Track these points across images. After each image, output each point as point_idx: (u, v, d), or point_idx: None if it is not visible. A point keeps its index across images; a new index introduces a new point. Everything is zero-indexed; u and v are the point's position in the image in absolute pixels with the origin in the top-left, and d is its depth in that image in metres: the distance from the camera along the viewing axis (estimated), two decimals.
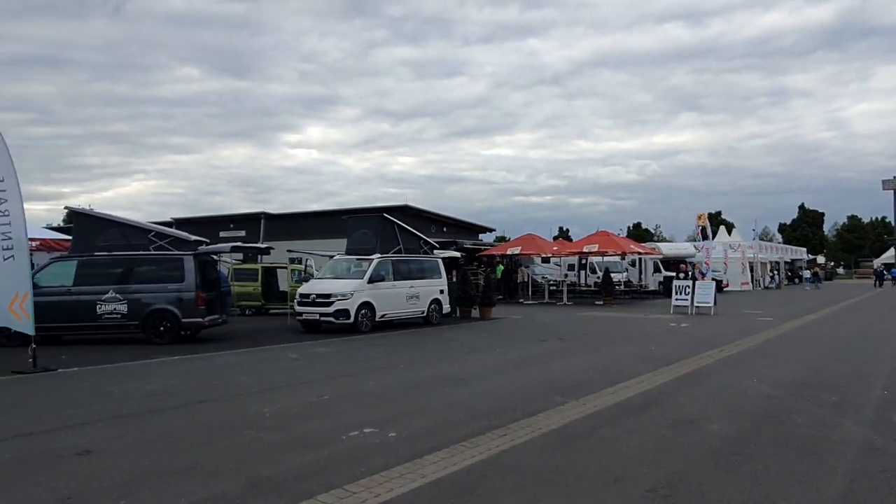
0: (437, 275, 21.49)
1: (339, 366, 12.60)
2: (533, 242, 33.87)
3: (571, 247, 34.70)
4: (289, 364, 12.82)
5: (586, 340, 16.71)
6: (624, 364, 12.53)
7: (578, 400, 9.14)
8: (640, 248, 35.64)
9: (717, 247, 47.87)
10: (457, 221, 46.88)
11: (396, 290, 19.64)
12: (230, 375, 11.43)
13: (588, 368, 12.12)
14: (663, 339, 16.90)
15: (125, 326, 15.77)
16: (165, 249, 16.17)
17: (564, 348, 15.09)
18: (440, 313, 21.34)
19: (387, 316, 19.40)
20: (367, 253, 19.69)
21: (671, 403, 9.00)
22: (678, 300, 26.22)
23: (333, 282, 19.07)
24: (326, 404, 8.93)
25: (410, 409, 8.65)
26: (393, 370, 12.04)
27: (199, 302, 15.84)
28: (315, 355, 14.09)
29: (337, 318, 18.15)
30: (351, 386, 10.38)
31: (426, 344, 16.38)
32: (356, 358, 13.72)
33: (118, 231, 16.23)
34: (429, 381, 10.68)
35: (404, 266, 20.31)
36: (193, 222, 51.33)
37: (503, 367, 12.38)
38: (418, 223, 43.74)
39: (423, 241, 21.44)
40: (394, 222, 20.35)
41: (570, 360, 13.31)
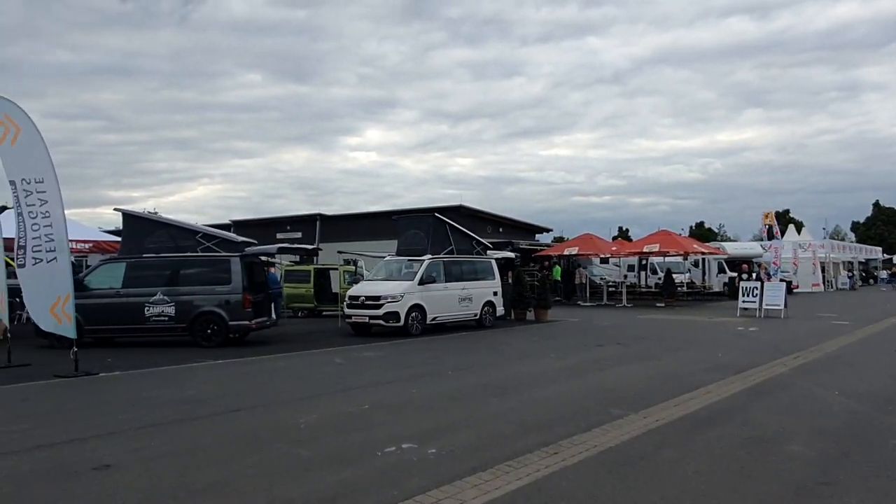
0: (490, 276, 20.81)
1: (384, 372, 12.07)
2: (591, 242, 32.84)
3: (631, 247, 33.53)
4: (333, 369, 12.36)
5: (646, 345, 15.80)
6: (688, 372, 11.65)
7: (638, 413, 8.37)
8: (703, 248, 34.20)
9: (786, 246, 45.90)
10: (513, 222, 46.15)
11: (448, 291, 19.06)
12: (271, 381, 11.02)
13: (648, 377, 11.28)
14: (730, 345, 15.85)
15: (173, 329, 15.61)
16: (213, 251, 15.95)
17: (623, 354, 14.24)
18: (493, 316, 20.66)
19: (438, 318, 18.83)
20: (418, 254, 19.17)
21: (743, 419, 8.13)
22: (745, 302, 24.89)
23: (383, 283, 18.61)
24: (366, 415, 8.38)
25: (454, 421, 8.03)
26: (440, 377, 11.44)
27: (245, 304, 15.55)
28: (362, 360, 13.61)
29: (387, 320, 17.67)
30: (394, 394, 9.82)
31: (477, 348, 15.74)
32: (403, 363, 13.18)
33: (166, 232, 16.09)
34: (476, 390, 10.04)
35: (456, 267, 19.71)
36: (251, 224, 51.94)
37: (556, 374, 11.65)
38: (473, 224, 43.14)
39: (475, 241, 20.81)
40: (445, 222, 19.78)
41: (629, 367, 12.48)
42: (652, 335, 18.20)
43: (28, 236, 11.44)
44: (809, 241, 50.36)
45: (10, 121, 11.62)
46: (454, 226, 20.09)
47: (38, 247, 11.44)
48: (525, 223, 47.31)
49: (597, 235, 34.13)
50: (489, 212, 44.78)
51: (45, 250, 11.43)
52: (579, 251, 32.33)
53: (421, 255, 18.98)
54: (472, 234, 20.84)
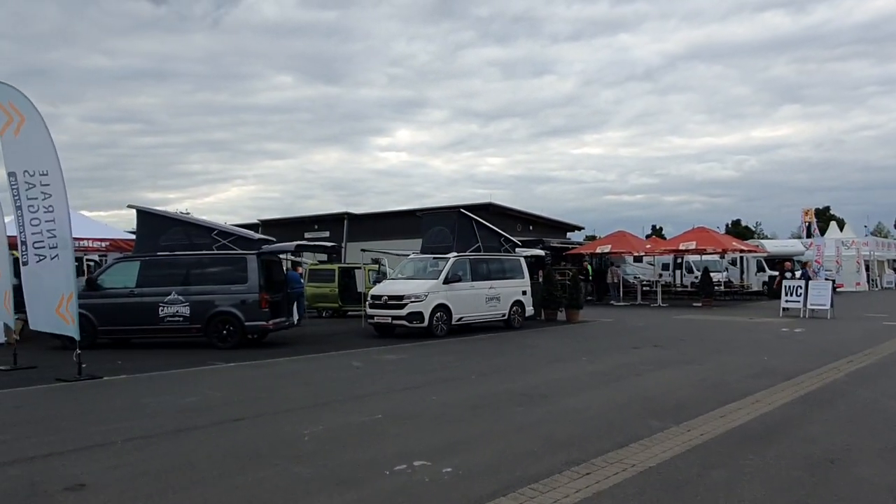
0: (519, 275, 19.97)
1: (403, 376, 11.31)
2: (624, 240, 31.77)
3: (666, 244, 32.37)
4: (349, 374, 11.64)
5: (685, 348, 14.84)
6: (732, 378, 10.70)
7: (680, 426, 7.50)
8: (742, 246, 32.90)
9: (828, 244, 44.22)
10: (544, 220, 45.11)
11: (474, 291, 18.26)
12: (281, 387, 10.33)
13: (689, 383, 10.36)
14: (776, 348, 14.82)
15: (188, 330, 15.05)
16: (229, 249, 15.35)
17: (660, 358, 13.31)
18: (523, 316, 19.81)
19: (464, 319, 18.04)
20: (443, 252, 18.40)
21: (801, 434, 7.22)
22: (789, 302, 23.69)
23: (407, 282, 17.88)
24: (377, 426, 7.63)
25: (474, 434, 7.24)
26: (462, 382, 10.65)
27: (262, 304, 14.93)
28: (381, 363, 12.89)
29: (410, 321, 16.93)
30: (411, 402, 9.06)
31: (504, 351, 14.92)
32: (425, 367, 12.42)
33: (181, 230, 15.53)
34: (500, 398, 9.23)
35: (483, 265, 18.90)
36: (279, 224, 51.66)
37: (588, 380, 10.78)
38: (503, 222, 42.23)
39: (503, 238, 19.97)
40: (472, 218, 18.98)
41: (668, 372, 11.55)
42: (690, 337, 17.21)
43: (27, 232, 10.90)
44: (853, 239, 48.57)
45: (15, 109, 11.08)
46: (480, 222, 19.27)
47: (40, 243, 10.90)
48: (556, 221, 46.20)
49: (630, 233, 33.02)
50: (519, 209, 43.77)
51: (47, 247, 10.88)
52: (612, 249, 31.28)
53: (446, 254, 18.22)
54: (499, 231, 20.02)
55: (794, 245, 42.07)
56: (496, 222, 41.68)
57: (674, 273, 38.02)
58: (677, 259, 37.66)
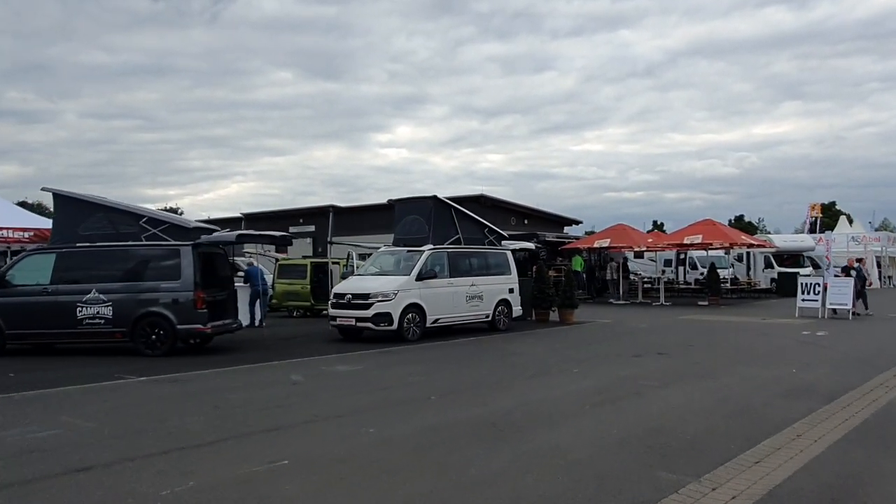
0: (505, 270, 17.72)
1: (345, 397, 9.05)
2: (624, 234, 29.47)
3: (670, 238, 30.07)
4: (280, 392, 9.39)
5: (695, 356, 12.61)
6: (759, 399, 8.48)
7: (701, 481, 5.29)
8: (751, 240, 30.61)
9: (838, 239, 42.00)
10: (540, 213, 42.85)
11: (453, 288, 16.01)
12: (182, 412, 8.06)
13: (705, 408, 8.13)
14: (802, 356, 12.59)
15: (111, 334, 12.80)
16: (160, 239, 13.11)
17: (666, 369, 11.08)
18: (509, 317, 17.56)
19: (441, 321, 15.79)
20: (417, 244, 16.15)
21: (880, 499, 4.98)
22: (805, 301, 21.43)
23: (375, 279, 15.63)
24: (272, 482, 5.38)
25: (404, 496, 5.01)
26: (417, 406, 8.41)
27: (198, 304, 12.69)
28: (327, 377, 10.64)
29: (377, 323, 14.69)
30: (337, 439, 6.82)
31: (481, 359, 12.67)
32: (378, 382, 10.17)
33: (105, 216, 13.26)
34: (459, 431, 6.99)
35: (463, 259, 16.66)
36: (262, 217, 49.47)
37: (577, 401, 8.54)
38: (496, 215, 39.93)
39: (487, 229, 17.70)
40: (450, 206, 16.72)
41: (677, 390, 9.31)
42: (700, 341, 14.97)
43: None
44: (863, 234, 46.36)
45: None
46: (461, 210, 17.01)
47: None
48: (553, 214, 43.93)
49: (630, 226, 30.73)
50: (513, 202, 41.53)
51: None
52: (611, 243, 28.99)
53: (421, 246, 15.98)
54: (483, 221, 17.75)
55: (804, 240, 39.86)
56: (488, 215, 39.31)
57: (677, 269, 35.78)
58: (680, 255, 35.42)
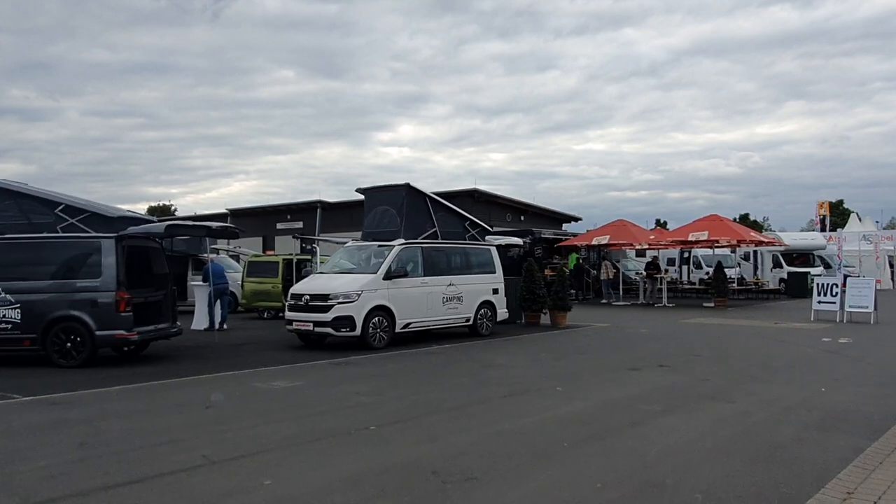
0: (489, 268, 15.83)
1: (263, 425, 7.15)
2: (624, 230, 27.53)
3: (673, 235, 28.13)
4: (183, 420, 7.51)
5: (703, 370, 10.71)
6: (786, 432, 6.60)
7: None
8: (761, 237, 28.66)
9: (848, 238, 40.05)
10: (537, 209, 41.12)
11: (427, 289, 14.13)
12: (25, 452, 6.18)
13: (720, 445, 6.23)
14: (829, 369, 10.70)
15: (18, 341, 10.95)
16: (79, 230, 11.26)
17: (669, 388, 9.19)
18: (493, 321, 15.68)
19: (413, 325, 13.92)
20: (388, 238, 14.29)
21: None
22: (822, 303, 19.56)
23: (337, 278, 13.75)
24: None
25: None
26: (348, 441, 6.52)
27: (121, 306, 10.84)
28: (253, 398, 8.74)
29: (337, 328, 12.82)
30: (216, 495, 4.94)
31: (450, 374, 10.77)
32: (315, 404, 8.27)
33: (14, 204, 11.44)
34: (388, 483, 5.11)
35: (440, 256, 14.78)
36: (250, 213, 47.74)
37: (554, 436, 6.65)
38: (490, 210, 38.15)
39: (469, 222, 15.82)
40: (425, 195, 14.83)
41: (682, 418, 7.42)
42: (707, 350, 13.08)
43: None
44: (875, 232, 44.36)
45: None
46: (438, 201, 15.12)
47: None
48: (551, 211, 42.16)
49: (632, 222, 28.79)
50: (509, 197, 39.81)
51: None
52: (611, 240, 27.08)
53: (392, 240, 14.11)
54: (464, 213, 15.86)
55: (815, 238, 37.91)
56: (482, 211, 37.62)
57: (681, 268, 33.87)
58: (684, 253, 33.50)
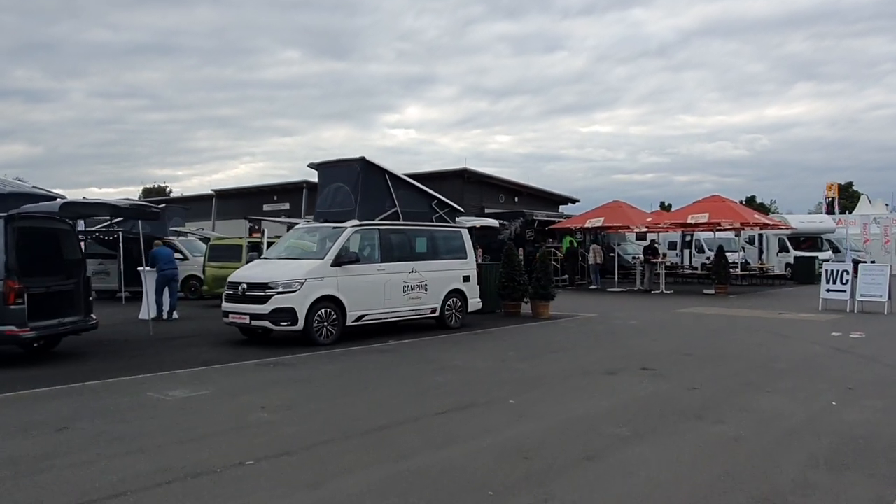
0: (458, 253, 14.19)
1: (110, 459, 5.52)
2: (620, 212, 25.81)
3: (671, 217, 26.39)
4: (16, 448, 5.91)
5: (692, 374, 9.06)
6: (787, 471, 4.97)
7: None
8: (765, 220, 26.89)
9: (858, 221, 38.18)
10: (532, 190, 39.30)
11: (385, 276, 12.49)
12: None
13: (699, 496, 4.60)
14: (839, 373, 9.05)
15: None
16: None
17: (646, 400, 7.55)
18: (463, 311, 14.04)
19: (368, 317, 12.28)
20: (343, 218, 12.63)
21: None
22: (831, 291, 17.90)
23: (280, 265, 12.10)
24: None
25: None
26: (207, 484, 4.91)
27: (9, 298, 9.23)
28: (134, 412, 7.11)
29: (275, 321, 11.20)
30: None
31: (391, 378, 9.11)
32: (203, 424, 6.64)
33: None
34: None
35: (401, 239, 13.12)
36: (235, 194, 46.11)
37: (482, 478, 5.01)
38: (481, 191, 36.34)
39: (436, 201, 14.11)
40: (384, 171, 13.10)
41: (655, 448, 5.79)
42: (700, 348, 11.43)
43: None
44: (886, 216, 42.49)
45: None
46: (399, 177, 13.39)
47: None
48: (547, 192, 40.33)
49: (628, 204, 27.03)
50: (502, 178, 37.96)
51: None
52: (605, 223, 25.37)
53: (346, 221, 12.46)
54: (428, 191, 14.11)
55: (823, 220, 36.05)
56: (473, 192, 35.83)
57: (682, 252, 32.16)
58: (686, 236, 31.77)
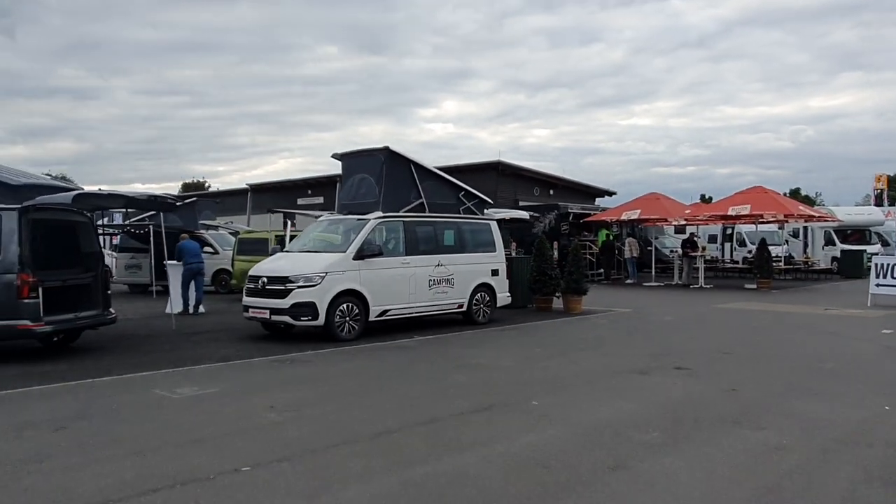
0: (487, 246, 13.73)
1: (99, 464, 5.21)
2: (657, 204, 25.03)
3: (712, 209, 25.52)
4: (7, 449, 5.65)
5: (731, 374, 8.48)
6: (836, 488, 4.42)
7: None
8: (811, 212, 25.86)
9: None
10: (568, 183, 38.60)
11: (409, 270, 12.10)
12: None
13: None
14: (893, 375, 8.38)
15: None
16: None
17: (680, 402, 7.02)
18: (491, 307, 13.60)
19: (391, 313, 11.92)
20: (366, 210, 12.27)
21: None
22: (881, 286, 16.99)
23: (301, 258, 11.79)
24: None
25: None
26: (194, 494, 4.56)
27: (23, 292, 9.06)
28: (138, 412, 6.83)
29: (295, 316, 10.89)
30: None
31: (408, 378, 8.68)
32: (207, 425, 6.31)
33: None
34: None
35: (426, 232, 12.72)
36: (270, 188, 46.19)
37: (492, 490, 4.57)
38: (517, 184, 35.74)
39: (464, 192, 13.66)
40: (409, 161, 12.71)
41: (688, 458, 5.28)
42: (740, 345, 10.80)
43: None
44: None
45: None
46: (425, 168, 12.98)
47: None
48: (583, 185, 39.57)
49: (666, 195, 26.23)
50: (537, 170, 37.30)
51: None
52: (641, 215, 24.64)
53: (369, 213, 12.10)
54: (456, 182, 13.68)
55: (872, 213, 34.64)
56: (508, 184, 35.30)
57: (722, 246, 31.17)
58: (727, 229, 30.79)
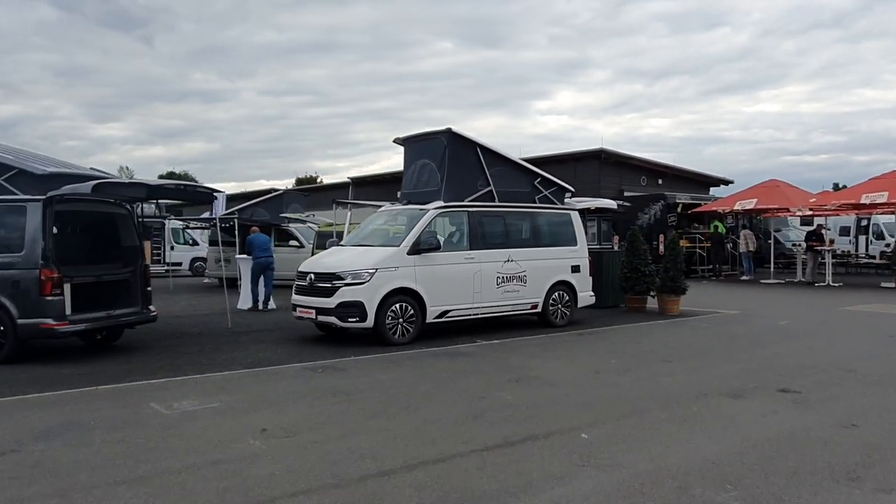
0: (566, 239, 12.21)
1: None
2: (776, 192, 22.38)
3: (841, 196, 22.60)
4: None
5: (851, 400, 6.65)
6: None
7: None
8: None
9: None
10: (678, 171, 35.91)
11: (474, 266, 10.81)
12: None
13: None
14: None
15: None
16: (5, 192, 8.98)
17: (779, 442, 5.36)
18: (572, 308, 12.07)
19: (453, 313, 10.66)
20: (428, 200, 11.08)
21: None
22: None
23: (352, 252, 10.74)
24: None
25: None
26: None
27: (46, 288, 8.47)
28: (115, 430, 5.91)
29: (342, 317, 9.84)
30: None
31: (447, 394, 7.36)
32: (177, 454, 5.29)
33: None
34: None
35: (495, 223, 11.37)
36: (371, 181, 46.01)
37: None
38: (620, 172, 33.49)
39: (539, 179, 12.17)
40: (476, 145, 11.37)
41: None
42: (868, 360, 8.79)
43: None
44: None
45: None
46: (494, 152, 11.58)
47: None
48: (695, 173, 36.72)
49: (786, 182, 23.48)
50: (644, 158, 34.89)
51: None
52: (758, 204, 22.11)
53: (430, 202, 10.90)
54: (533, 168, 12.21)
55: None
56: (611, 174, 33.15)
57: (857, 239, 27.85)
58: (861, 220, 27.49)
